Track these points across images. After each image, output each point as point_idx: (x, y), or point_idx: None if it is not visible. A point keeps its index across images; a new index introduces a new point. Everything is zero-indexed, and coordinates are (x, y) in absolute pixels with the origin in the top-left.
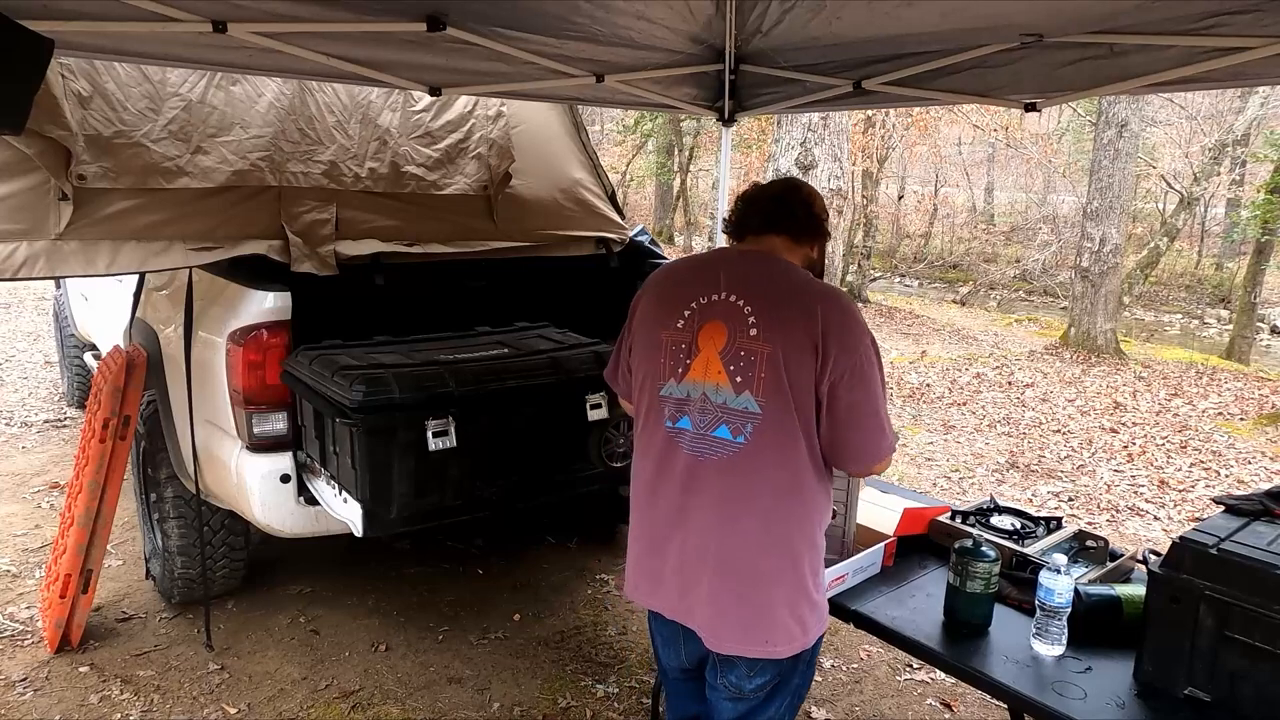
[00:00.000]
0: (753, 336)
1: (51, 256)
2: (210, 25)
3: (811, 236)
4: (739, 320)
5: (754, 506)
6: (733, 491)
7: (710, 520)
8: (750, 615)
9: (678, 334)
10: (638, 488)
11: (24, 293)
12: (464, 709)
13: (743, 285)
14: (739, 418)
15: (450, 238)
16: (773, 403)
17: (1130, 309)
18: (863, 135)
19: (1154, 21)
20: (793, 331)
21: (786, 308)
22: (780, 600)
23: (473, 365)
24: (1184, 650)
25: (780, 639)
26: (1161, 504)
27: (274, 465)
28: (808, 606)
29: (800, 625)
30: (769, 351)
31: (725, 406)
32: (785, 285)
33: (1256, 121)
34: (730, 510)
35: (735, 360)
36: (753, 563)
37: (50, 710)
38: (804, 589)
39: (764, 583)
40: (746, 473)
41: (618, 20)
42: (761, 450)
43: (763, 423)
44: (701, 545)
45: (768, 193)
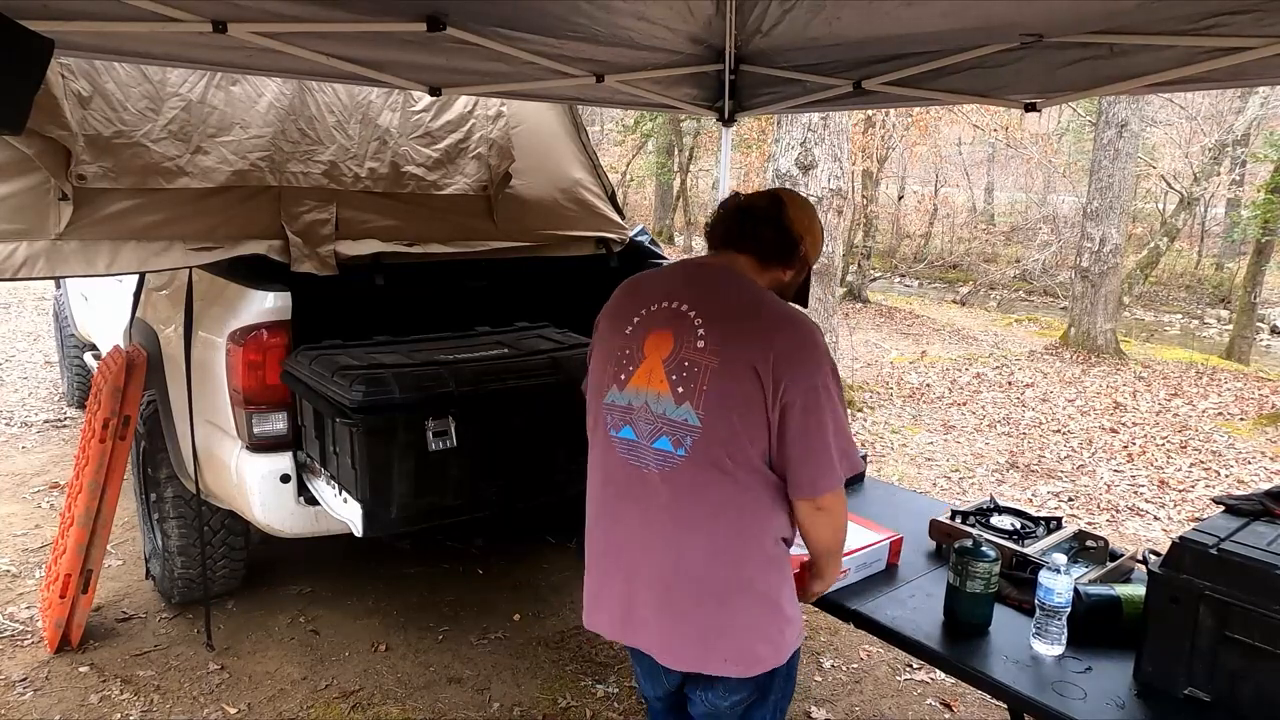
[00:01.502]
0: (699, 348)
1: (51, 256)
2: (210, 25)
3: (781, 260)
4: (687, 329)
5: (697, 521)
6: (675, 505)
7: (655, 535)
8: (702, 632)
9: (624, 340)
10: (588, 505)
11: (24, 293)
12: (464, 709)
13: (695, 295)
14: (679, 429)
15: (450, 238)
16: (714, 416)
17: (1130, 309)
18: (863, 135)
19: (1154, 21)
20: (742, 349)
21: (738, 323)
22: (737, 617)
23: (473, 365)
24: (1184, 650)
25: (742, 657)
26: (1161, 504)
27: (274, 465)
28: (774, 622)
29: (768, 643)
30: (714, 365)
31: (665, 417)
32: (740, 301)
33: (1256, 121)
34: (674, 525)
35: (679, 370)
36: (700, 578)
37: (50, 710)
38: (767, 605)
39: (715, 599)
40: (687, 487)
41: (618, 20)
42: (701, 464)
43: (702, 436)
44: (648, 561)
45: (742, 206)
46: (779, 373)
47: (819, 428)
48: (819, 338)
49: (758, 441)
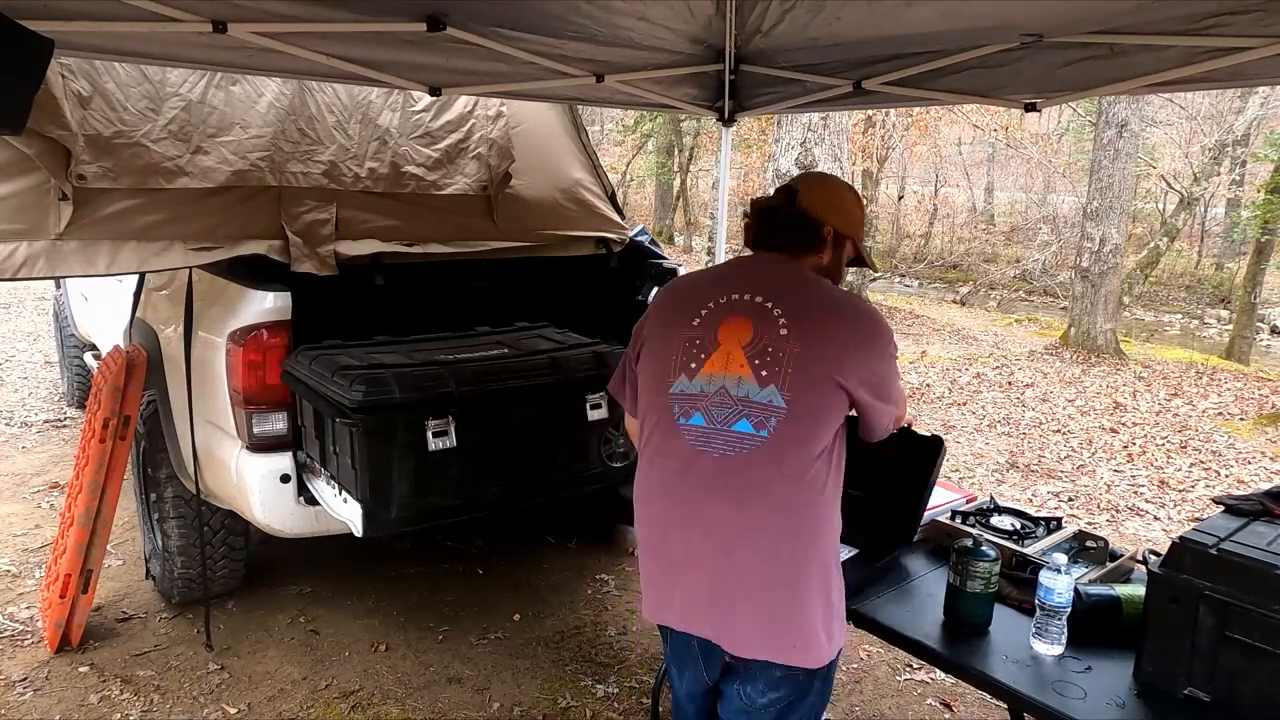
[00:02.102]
0: (782, 336)
1: (51, 256)
2: (210, 25)
3: (808, 248)
4: (766, 319)
5: (777, 502)
6: (754, 486)
7: (730, 518)
8: (776, 617)
9: (693, 331)
10: (644, 494)
11: (24, 293)
12: (464, 709)
13: (767, 288)
14: (761, 411)
15: (450, 238)
16: (800, 399)
17: (1130, 309)
18: (863, 135)
19: (1154, 21)
20: (822, 335)
21: (816, 313)
22: (808, 602)
23: (473, 365)
24: (1184, 650)
25: (809, 644)
26: (1161, 504)
27: (274, 465)
28: (831, 614)
29: (826, 633)
30: (798, 351)
31: (747, 399)
32: (810, 291)
33: (1256, 121)
34: (753, 507)
35: (761, 355)
36: (780, 561)
37: (50, 710)
38: (828, 594)
39: (791, 582)
40: (768, 466)
41: (618, 20)
42: (784, 445)
43: (787, 417)
44: (722, 545)
45: (759, 207)
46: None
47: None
48: (881, 317)
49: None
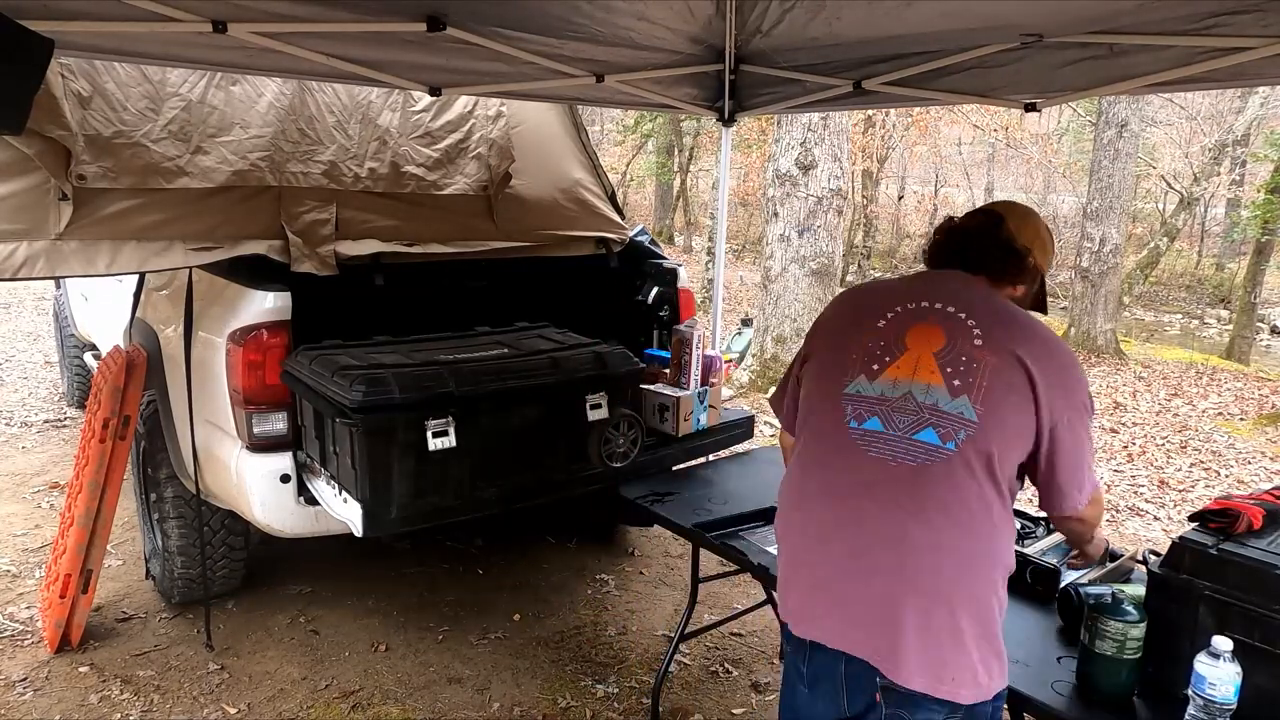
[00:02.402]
0: (978, 346)
1: (51, 256)
2: (210, 25)
3: (1012, 277)
4: (960, 327)
5: (956, 521)
6: (934, 501)
7: (902, 533)
8: (943, 647)
9: (877, 333)
10: (798, 498)
11: (24, 293)
12: (464, 709)
13: (957, 300)
14: (951, 422)
15: (450, 238)
16: (992, 414)
17: (1130, 309)
18: (863, 135)
19: (1154, 21)
20: (1019, 356)
21: (1010, 329)
22: (971, 634)
23: (473, 365)
24: (1184, 650)
25: (966, 679)
26: (1161, 504)
27: (274, 465)
28: (993, 652)
29: (985, 669)
30: (994, 363)
31: (936, 409)
32: (1004, 310)
33: (1256, 121)
34: (929, 523)
35: (955, 364)
36: (953, 585)
37: (50, 710)
38: (992, 627)
39: (962, 610)
40: (952, 483)
41: (618, 20)
42: (971, 461)
43: (979, 432)
44: (894, 562)
45: (959, 228)
46: (1051, 386)
47: (1082, 444)
48: (1077, 360)
49: (1015, 451)
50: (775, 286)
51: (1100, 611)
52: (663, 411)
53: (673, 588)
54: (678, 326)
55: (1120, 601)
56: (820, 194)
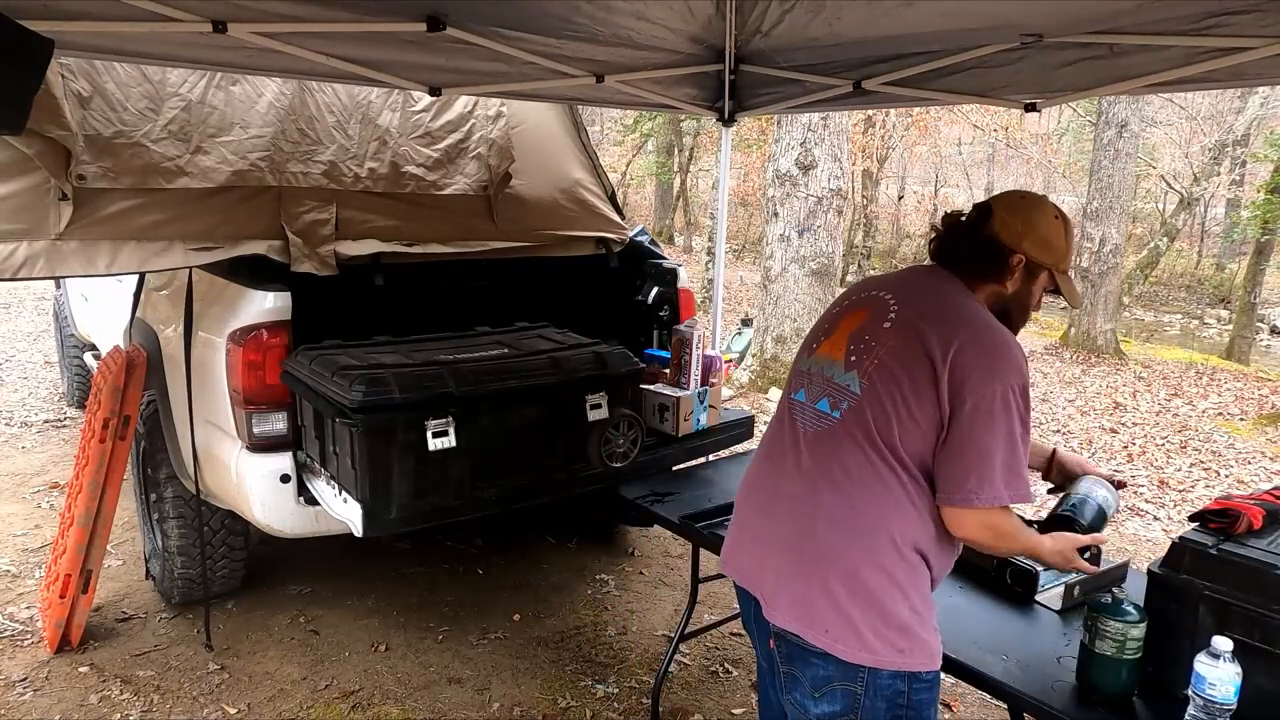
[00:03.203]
0: (885, 329)
1: (51, 256)
2: (210, 25)
3: (989, 274)
4: (880, 311)
5: (837, 485)
6: (813, 466)
7: (797, 489)
8: (812, 595)
9: (830, 317)
10: (753, 461)
11: (24, 293)
12: (464, 709)
13: (902, 288)
14: (839, 393)
15: (450, 238)
16: (876, 389)
17: (1130, 309)
18: (863, 135)
19: (1154, 21)
20: (926, 339)
21: (932, 317)
22: (848, 598)
23: (473, 365)
24: (1184, 650)
25: (843, 633)
26: (1161, 504)
27: (274, 465)
28: (890, 626)
29: (879, 638)
30: (892, 344)
31: (832, 380)
32: (942, 302)
33: (1256, 121)
34: (815, 482)
35: (858, 342)
36: (827, 541)
37: (50, 710)
38: (882, 601)
39: (835, 571)
40: (833, 448)
41: (618, 20)
42: (851, 429)
43: (856, 405)
44: (787, 511)
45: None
46: (959, 372)
47: (984, 433)
48: (1014, 354)
49: (911, 431)
50: (775, 286)
51: (1100, 611)
52: (663, 411)
53: (673, 588)
54: (678, 326)
55: (1120, 601)
56: (820, 194)
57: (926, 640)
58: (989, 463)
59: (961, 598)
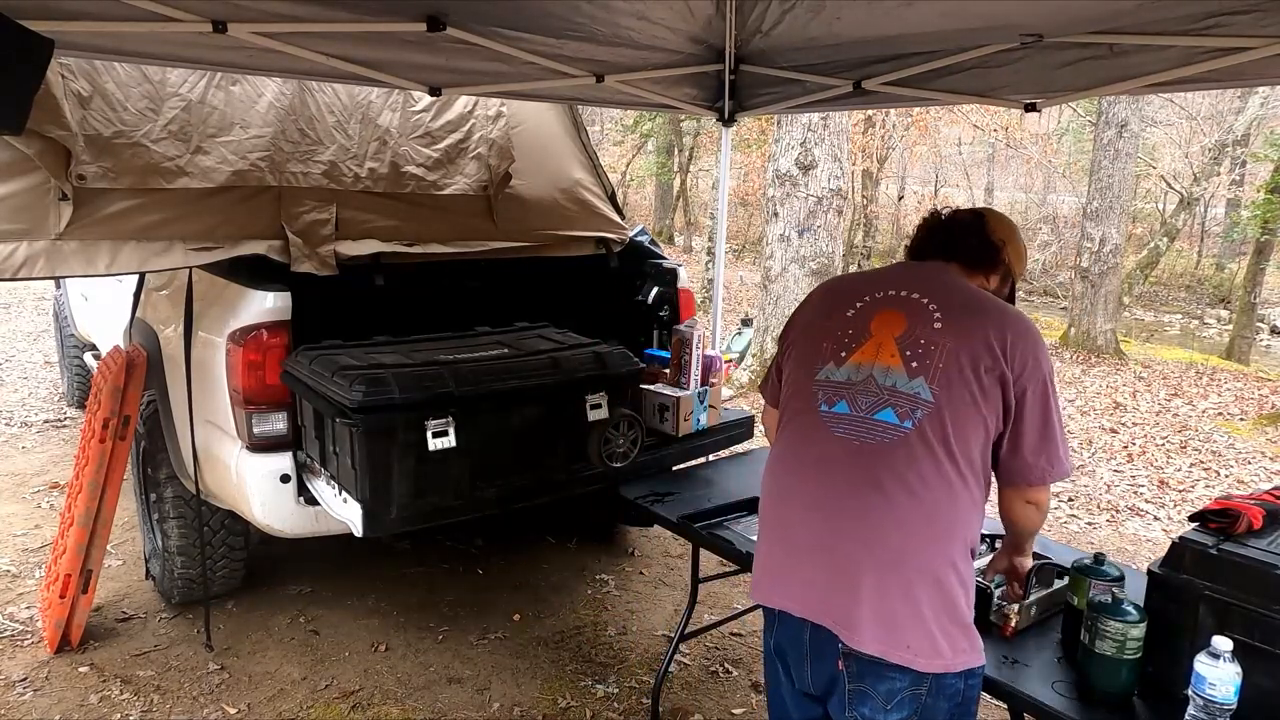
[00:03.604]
0: (936, 329)
1: (51, 256)
2: (210, 25)
3: (986, 267)
4: (921, 313)
5: (915, 495)
6: (892, 477)
7: (863, 507)
8: (896, 611)
9: (846, 321)
10: (776, 481)
11: (24, 293)
12: (464, 709)
13: (923, 286)
14: (907, 402)
15: (450, 238)
16: (948, 394)
17: (1130, 309)
18: (863, 135)
19: (1154, 21)
20: (980, 335)
21: (973, 314)
22: (928, 604)
23: (473, 365)
24: (1184, 650)
25: (924, 648)
26: (1161, 504)
27: (274, 465)
28: (956, 625)
29: (948, 640)
30: (952, 345)
31: (894, 389)
32: (969, 293)
33: (1256, 121)
34: (889, 498)
35: (913, 347)
36: (908, 555)
37: (50, 710)
38: (954, 601)
39: (917, 579)
40: (911, 459)
41: (618, 20)
42: (929, 438)
43: (933, 412)
44: (854, 533)
45: (946, 220)
46: (1015, 360)
47: (1047, 415)
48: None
49: (979, 431)
50: (775, 286)
51: (1100, 611)
52: (663, 411)
53: (673, 588)
54: (678, 326)
55: (1120, 601)
56: (820, 194)
57: (977, 636)
58: (1054, 441)
59: None
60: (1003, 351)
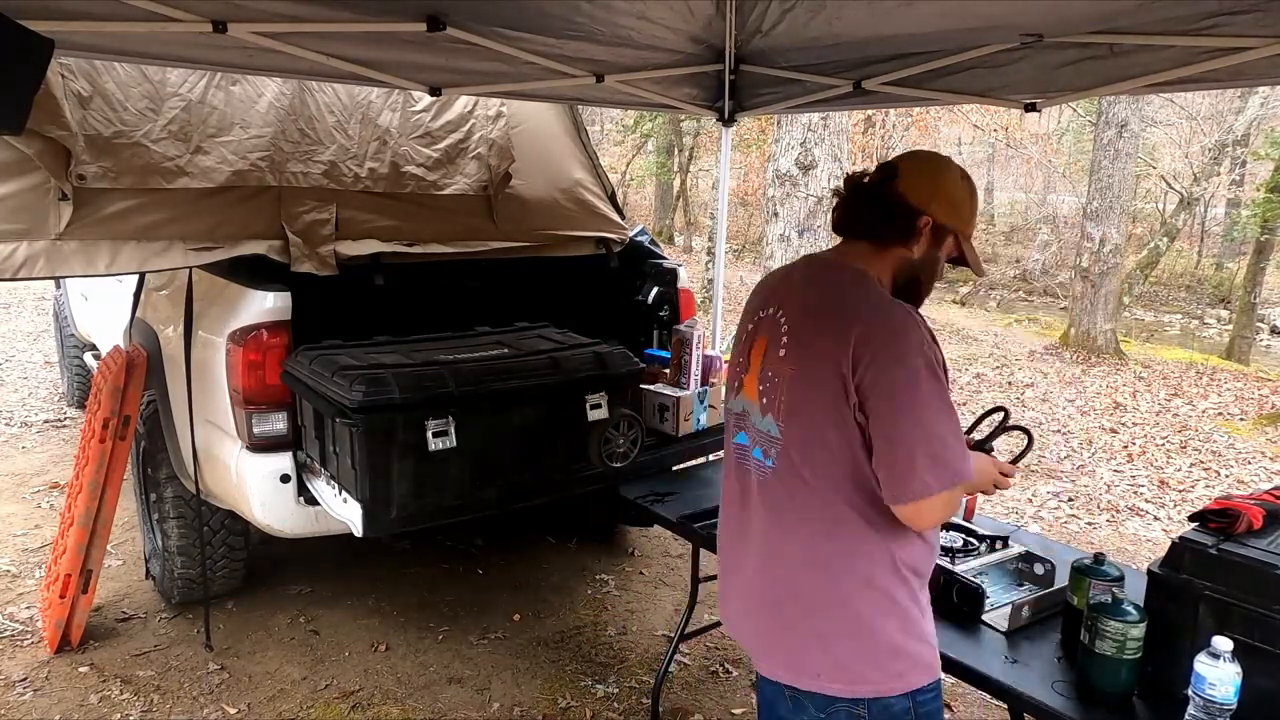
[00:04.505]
0: (780, 357)
1: (51, 256)
2: (210, 25)
3: (897, 237)
4: (775, 339)
5: (790, 532)
6: (772, 514)
7: (760, 541)
8: (799, 643)
9: (741, 346)
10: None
11: (24, 293)
12: (464, 709)
13: (793, 299)
14: (766, 440)
15: (450, 238)
16: (791, 428)
17: (1130, 309)
18: (863, 135)
19: (1154, 21)
20: (820, 354)
21: (820, 329)
22: (839, 631)
23: (473, 365)
24: (1184, 650)
25: (838, 674)
26: (1161, 504)
27: (274, 465)
28: (882, 648)
29: (872, 665)
30: (791, 374)
31: (757, 427)
32: (830, 298)
33: (1256, 121)
34: (773, 534)
35: (765, 380)
36: (796, 589)
37: (50, 710)
38: (874, 624)
39: (811, 612)
40: (779, 497)
41: (618, 20)
42: (785, 476)
43: (782, 448)
44: (757, 566)
45: (853, 184)
46: (858, 369)
47: (896, 425)
48: (912, 328)
49: (842, 450)
50: None
51: (1100, 611)
52: (663, 411)
53: (673, 588)
54: (678, 326)
55: (1120, 601)
56: (820, 194)
57: (921, 653)
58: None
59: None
60: (846, 367)
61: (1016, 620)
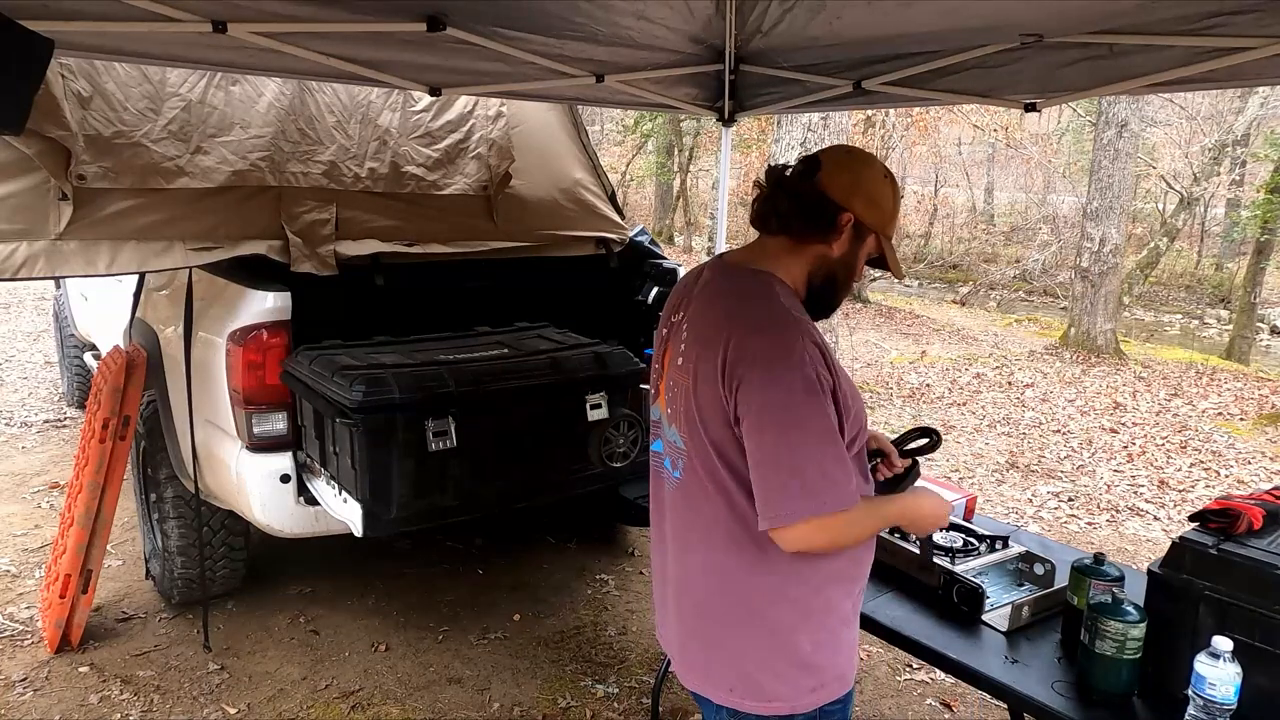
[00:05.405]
0: (679, 366)
1: (51, 256)
2: (210, 25)
3: (815, 233)
4: (676, 346)
5: (696, 543)
6: (681, 526)
7: (675, 552)
8: (711, 657)
9: (656, 352)
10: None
11: (24, 293)
12: (464, 709)
13: (693, 304)
14: (674, 451)
15: (450, 238)
16: (692, 439)
17: (1130, 309)
18: (863, 135)
19: (1154, 21)
20: (705, 363)
21: (707, 339)
22: (743, 646)
23: (473, 365)
24: (1184, 650)
25: (748, 689)
26: (1161, 504)
27: (274, 465)
28: (795, 664)
29: (783, 681)
30: (687, 385)
31: (666, 437)
32: (718, 310)
33: (1256, 121)
34: (680, 543)
35: (671, 390)
36: (705, 602)
37: (50, 710)
38: (775, 641)
39: (719, 623)
40: (686, 508)
41: (618, 20)
42: (691, 487)
43: (687, 459)
44: (673, 577)
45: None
46: (730, 385)
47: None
48: (793, 342)
49: (739, 461)
50: None
51: (1100, 611)
52: None
53: None
54: None
55: (1120, 601)
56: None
57: (836, 665)
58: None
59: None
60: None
61: (1016, 620)
